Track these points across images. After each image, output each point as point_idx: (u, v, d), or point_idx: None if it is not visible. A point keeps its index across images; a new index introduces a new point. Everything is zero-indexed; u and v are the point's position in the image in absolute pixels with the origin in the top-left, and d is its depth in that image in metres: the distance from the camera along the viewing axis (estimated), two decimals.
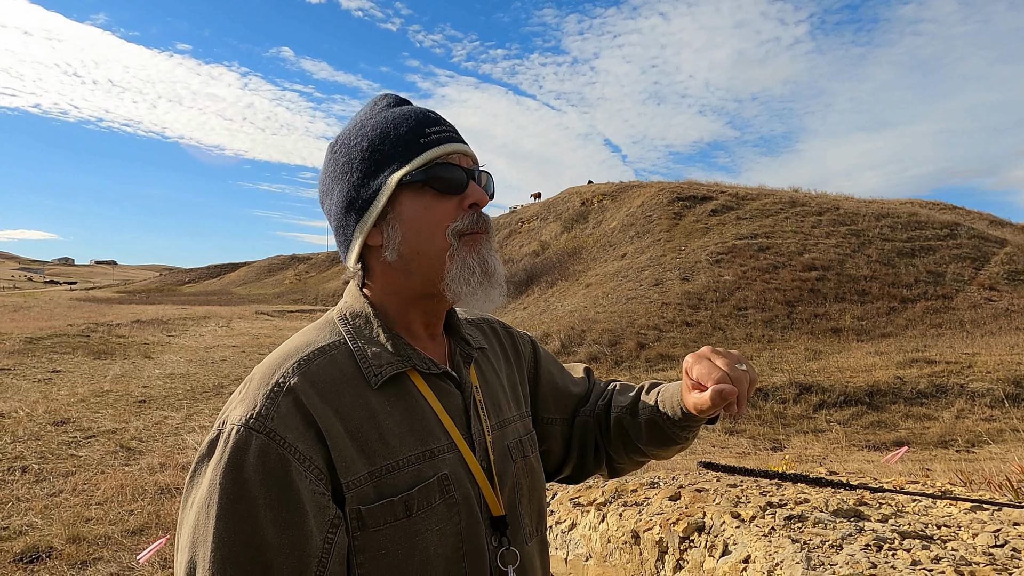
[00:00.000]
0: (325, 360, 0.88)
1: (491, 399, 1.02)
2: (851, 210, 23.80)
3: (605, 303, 19.09)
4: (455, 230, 0.91)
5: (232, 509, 0.75)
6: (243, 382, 0.88)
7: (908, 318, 16.61)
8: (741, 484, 2.53)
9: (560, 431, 1.20)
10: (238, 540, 0.75)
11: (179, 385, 12.02)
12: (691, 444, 1.13)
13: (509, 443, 1.01)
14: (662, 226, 25.04)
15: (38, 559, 4.48)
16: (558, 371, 1.24)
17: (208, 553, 0.74)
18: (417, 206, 0.91)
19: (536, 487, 1.04)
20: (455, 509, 0.88)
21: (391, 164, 0.91)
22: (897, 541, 1.81)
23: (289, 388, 0.82)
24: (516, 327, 1.26)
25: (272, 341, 19.49)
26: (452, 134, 0.95)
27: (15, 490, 5.90)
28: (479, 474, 0.92)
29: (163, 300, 44.45)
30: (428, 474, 0.86)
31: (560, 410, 1.20)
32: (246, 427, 0.78)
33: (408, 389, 0.90)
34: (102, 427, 8.51)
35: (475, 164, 0.97)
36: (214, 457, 0.78)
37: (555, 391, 1.20)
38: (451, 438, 0.91)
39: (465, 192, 0.93)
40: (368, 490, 0.82)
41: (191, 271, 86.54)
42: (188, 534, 0.77)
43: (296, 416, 0.80)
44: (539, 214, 36.95)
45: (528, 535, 0.99)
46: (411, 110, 0.95)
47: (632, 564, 2.28)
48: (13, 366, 13.23)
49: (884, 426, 10.49)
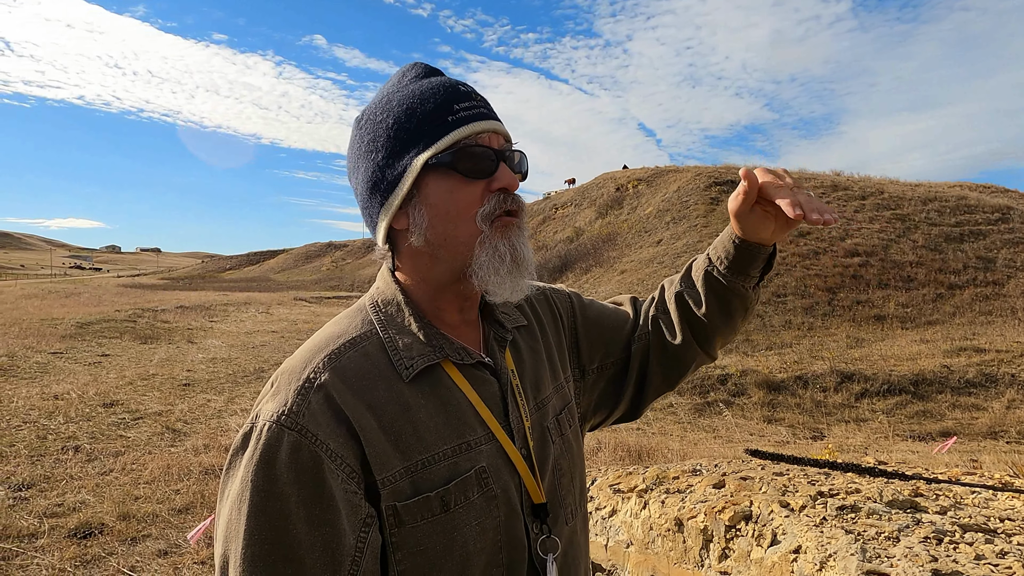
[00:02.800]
0: (356, 353, 0.86)
1: (530, 379, 0.99)
2: (896, 194, 23.08)
3: (640, 289, 18.93)
4: (484, 214, 0.86)
5: (263, 506, 0.74)
6: (275, 373, 0.87)
7: (956, 305, 16.08)
8: (787, 472, 2.46)
9: (614, 374, 1.15)
10: (269, 538, 0.74)
11: (221, 369, 12.32)
12: (754, 307, 1.08)
13: (547, 424, 0.98)
14: (699, 211, 24.65)
15: (91, 535, 4.65)
16: (601, 315, 1.17)
17: (239, 549, 0.74)
18: (443, 189, 0.86)
19: (576, 463, 1.02)
20: (494, 503, 0.86)
21: (417, 144, 0.86)
22: (958, 534, 1.74)
23: (320, 384, 0.81)
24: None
25: (310, 327, 19.83)
26: (482, 109, 0.89)
27: (69, 468, 6.12)
28: (520, 463, 0.90)
29: (205, 286, 45.58)
30: (465, 468, 0.84)
31: (611, 354, 1.14)
32: (278, 424, 0.77)
33: (442, 380, 0.88)
34: (149, 409, 8.77)
35: (508, 142, 0.91)
36: (247, 452, 0.78)
37: (600, 339, 1.15)
38: (488, 428, 0.88)
39: (494, 176, 0.87)
40: (404, 486, 0.80)
41: (231, 258, 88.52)
42: (223, 528, 0.77)
43: (327, 413, 0.79)
44: (573, 200, 36.72)
45: (571, 513, 0.97)
46: (440, 83, 0.89)
47: (675, 552, 2.24)
48: (65, 350, 13.73)
49: (930, 416, 10.21)
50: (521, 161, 0.92)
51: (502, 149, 0.89)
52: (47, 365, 11.86)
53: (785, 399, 11.08)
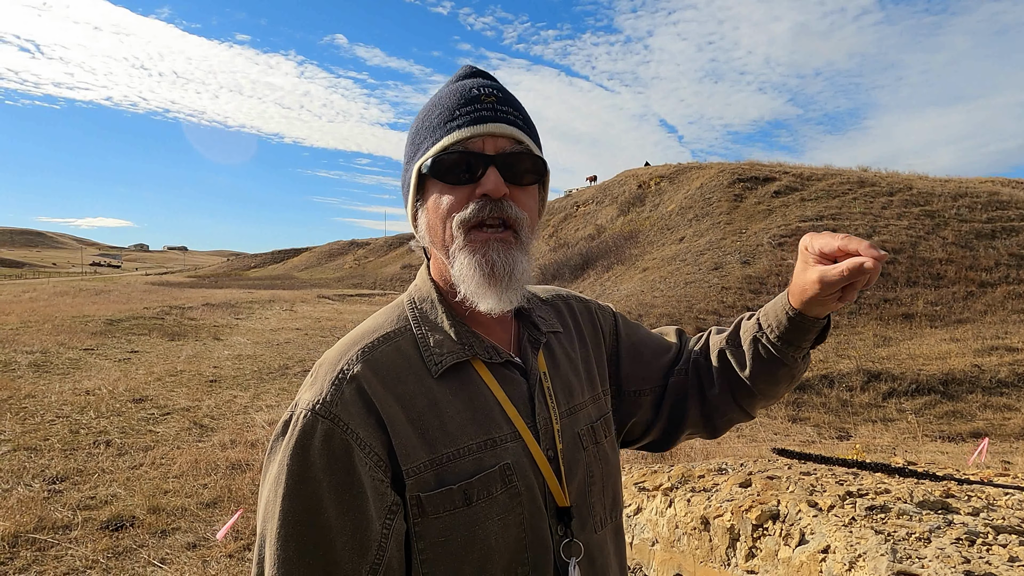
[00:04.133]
0: (389, 347, 0.89)
1: (562, 384, 0.99)
2: (925, 190, 22.61)
3: (663, 287, 18.78)
4: (460, 220, 0.86)
5: (298, 489, 0.78)
6: (316, 364, 0.91)
7: (987, 303, 15.72)
8: (815, 472, 2.44)
9: (650, 400, 1.13)
10: (303, 519, 0.78)
11: (247, 366, 12.49)
12: (800, 376, 1.02)
13: (579, 430, 0.98)
14: (722, 208, 24.39)
15: (122, 527, 4.75)
16: (644, 340, 1.16)
17: (275, 529, 0.78)
18: (434, 194, 0.89)
19: (610, 473, 1.01)
20: (518, 500, 0.87)
21: (420, 150, 0.90)
22: (991, 535, 1.71)
23: (353, 376, 0.84)
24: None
25: (333, 324, 20.01)
26: (485, 112, 0.87)
27: (101, 462, 6.26)
28: (543, 464, 0.90)
29: (230, 284, 46.20)
30: (489, 463, 0.86)
31: (649, 380, 1.13)
32: (313, 412, 0.81)
33: (471, 377, 0.90)
34: (177, 405, 8.93)
35: (517, 145, 0.88)
36: (285, 438, 0.82)
37: (640, 362, 1.13)
38: (515, 427, 0.89)
39: (479, 181, 0.86)
40: (429, 477, 0.83)
41: (256, 256, 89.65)
42: (262, 508, 0.82)
43: (358, 403, 0.82)
44: (595, 197, 36.56)
45: (600, 523, 0.97)
46: (461, 87, 0.90)
47: (701, 551, 2.24)
48: (96, 346, 14.02)
49: (959, 416, 10.00)
50: (518, 166, 0.88)
51: (498, 153, 0.87)
52: (79, 361, 12.13)
53: (810, 398, 10.93)
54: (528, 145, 0.90)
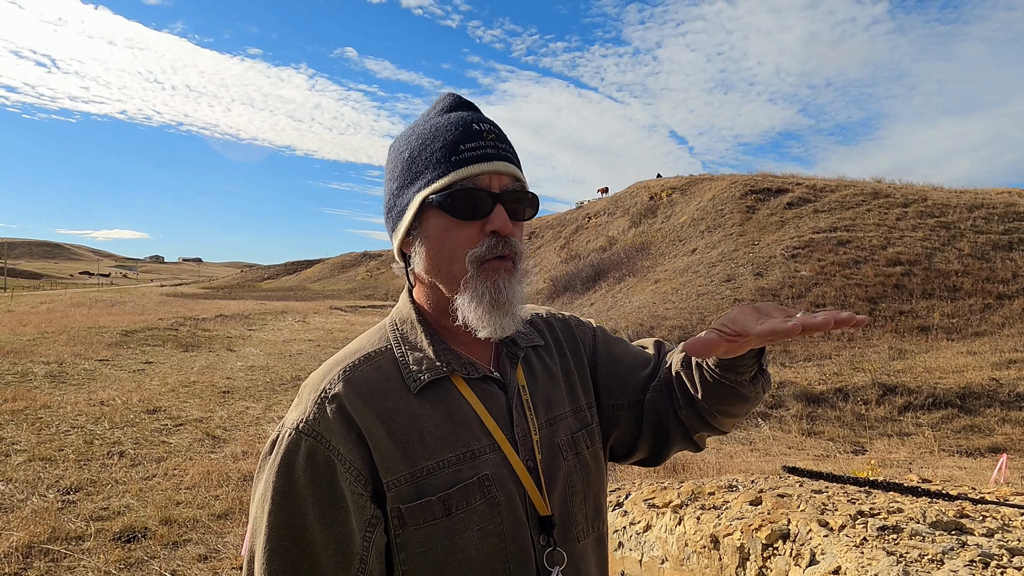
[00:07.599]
0: (370, 366, 0.92)
1: (542, 396, 1.01)
2: (940, 201, 22.40)
3: (675, 299, 18.71)
4: (474, 256, 0.89)
5: (283, 505, 0.82)
6: (303, 384, 0.95)
7: (1005, 316, 15.50)
8: (827, 490, 2.41)
9: (630, 415, 1.11)
10: (288, 534, 0.82)
11: (259, 377, 12.56)
12: (757, 400, 0.99)
13: (559, 440, 0.99)
14: (734, 220, 24.30)
15: (135, 539, 4.77)
16: (622, 354, 1.15)
17: (262, 543, 0.82)
18: (439, 227, 0.91)
19: (592, 483, 1.02)
20: (497, 509, 0.89)
21: (422, 179, 0.92)
22: (1006, 558, 1.68)
23: (335, 394, 0.88)
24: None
25: (346, 336, 20.09)
26: (489, 150, 0.91)
27: (114, 473, 6.30)
28: (523, 474, 0.92)
29: (244, 296, 46.55)
30: (468, 475, 0.88)
31: (627, 394, 1.11)
32: (297, 431, 0.86)
33: (450, 392, 0.92)
34: (190, 416, 8.99)
35: (516, 182, 0.93)
36: (272, 456, 0.87)
37: (618, 376, 1.12)
38: (493, 439, 0.92)
39: (488, 218, 0.90)
40: (408, 490, 0.86)
41: (269, 268, 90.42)
42: (250, 525, 0.86)
43: (339, 420, 0.86)
44: (606, 209, 36.56)
45: (582, 532, 0.98)
46: (457, 119, 0.93)
47: (711, 570, 2.21)
48: (111, 357, 14.17)
49: (977, 431, 9.85)
50: (521, 203, 0.93)
51: (503, 191, 0.91)
52: (94, 372, 12.25)
53: (825, 412, 10.82)
54: (524, 182, 0.95)
